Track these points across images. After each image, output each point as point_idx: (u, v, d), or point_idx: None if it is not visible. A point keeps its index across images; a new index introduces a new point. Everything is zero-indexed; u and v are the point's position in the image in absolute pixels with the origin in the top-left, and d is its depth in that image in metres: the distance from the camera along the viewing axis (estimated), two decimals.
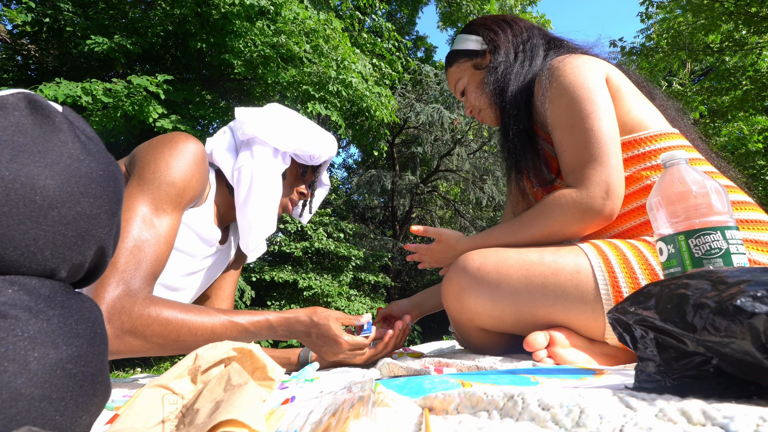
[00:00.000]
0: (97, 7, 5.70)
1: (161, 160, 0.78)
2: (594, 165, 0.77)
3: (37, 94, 0.39)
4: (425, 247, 0.99)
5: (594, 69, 0.83)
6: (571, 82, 0.81)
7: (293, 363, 1.02)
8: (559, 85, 0.82)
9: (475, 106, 1.05)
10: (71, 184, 0.35)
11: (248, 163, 0.91)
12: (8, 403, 0.28)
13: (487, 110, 1.03)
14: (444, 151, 8.47)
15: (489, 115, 1.04)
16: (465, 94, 1.06)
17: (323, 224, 7.47)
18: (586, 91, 0.80)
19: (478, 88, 1.02)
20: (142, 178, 0.76)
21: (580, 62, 0.84)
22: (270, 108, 0.99)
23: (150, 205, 0.74)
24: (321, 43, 5.40)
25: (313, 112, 5.27)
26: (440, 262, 0.97)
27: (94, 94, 4.25)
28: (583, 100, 0.79)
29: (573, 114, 0.80)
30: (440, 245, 0.95)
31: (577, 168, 0.79)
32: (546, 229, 0.80)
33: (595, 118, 0.78)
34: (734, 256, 0.48)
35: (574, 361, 0.69)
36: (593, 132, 0.78)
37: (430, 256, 0.98)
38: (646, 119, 0.84)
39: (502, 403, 0.34)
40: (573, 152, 0.80)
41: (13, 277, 0.33)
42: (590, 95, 0.79)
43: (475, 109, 1.06)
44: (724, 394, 0.31)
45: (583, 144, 0.78)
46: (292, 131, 0.97)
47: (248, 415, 0.33)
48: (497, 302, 0.76)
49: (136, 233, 0.71)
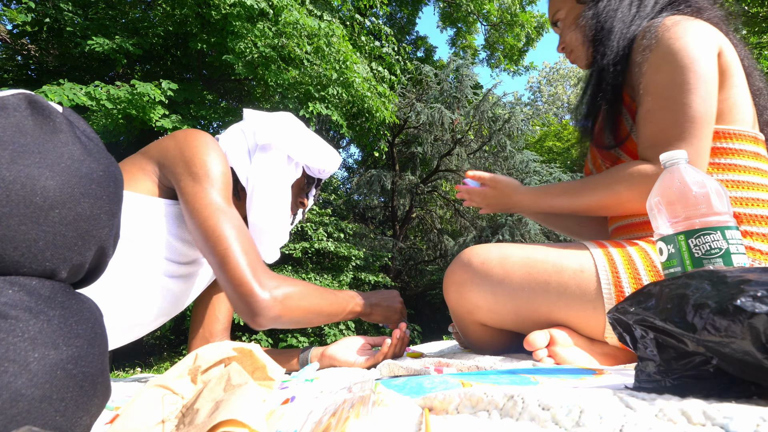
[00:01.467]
0: (98, 7, 5.70)
1: (204, 155, 0.80)
2: (680, 144, 0.71)
3: (38, 95, 0.39)
4: (480, 190, 0.98)
5: (709, 40, 0.75)
6: (681, 49, 0.73)
7: (293, 363, 1.02)
8: (666, 48, 0.74)
9: (568, 43, 0.96)
10: (71, 185, 0.36)
11: (265, 168, 0.91)
12: (8, 403, 0.28)
13: (579, 49, 0.94)
14: (444, 151, 8.46)
15: (581, 56, 0.95)
16: (560, 28, 0.98)
17: (323, 224, 7.46)
18: (695, 63, 0.72)
19: (573, 23, 0.92)
20: (196, 174, 0.78)
21: (696, 29, 0.75)
22: (283, 116, 1.00)
23: (218, 196, 0.78)
24: (322, 45, 5.40)
25: (314, 111, 5.27)
26: (490, 206, 0.98)
27: (98, 98, 4.25)
28: (688, 72, 0.72)
29: (673, 85, 0.72)
30: (495, 191, 0.95)
31: (660, 143, 0.72)
32: (605, 200, 0.77)
33: (696, 94, 0.71)
34: (734, 256, 0.48)
35: (574, 361, 0.69)
36: (689, 109, 0.71)
37: (482, 198, 0.97)
38: (739, 113, 0.77)
39: (502, 403, 0.34)
40: (660, 125, 0.73)
41: (13, 277, 0.33)
42: (697, 68, 0.72)
43: (568, 47, 0.97)
44: (724, 394, 0.31)
45: (674, 119, 0.72)
46: (307, 142, 0.99)
47: (248, 415, 0.33)
48: (499, 297, 0.76)
49: (236, 224, 0.77)
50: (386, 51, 7.06)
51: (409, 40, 11.19)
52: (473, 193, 0.99)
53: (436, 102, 8.21)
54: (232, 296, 0.74)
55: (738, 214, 0.74)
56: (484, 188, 0.97)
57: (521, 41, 10.59)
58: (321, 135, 9.70)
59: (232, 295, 0.74)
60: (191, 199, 0.77)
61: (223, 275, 0.74)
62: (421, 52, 11.50)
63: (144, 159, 0.82)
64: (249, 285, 0.73)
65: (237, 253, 0.74)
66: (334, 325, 6.63)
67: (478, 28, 10.80)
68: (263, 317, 0.74)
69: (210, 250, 0.75)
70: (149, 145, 0.85)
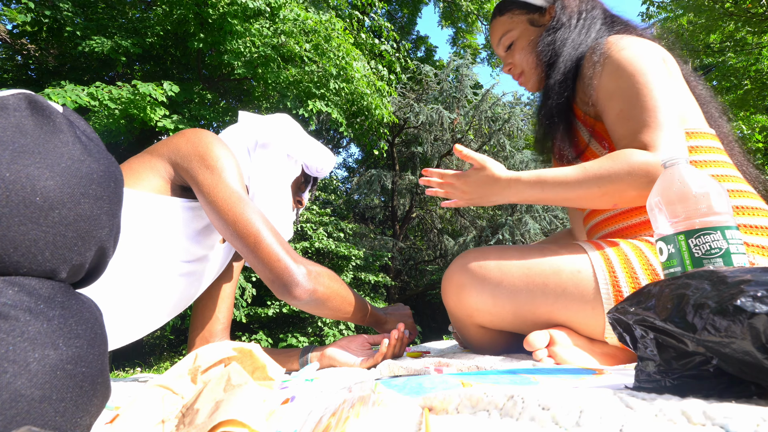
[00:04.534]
0: (97, 7, 5.69)
1: (217, 149, 0.82)
2: (666, 132, 0.73)
3: (38, 95, 0.39)
4: (458, 175, 0.82)
5: (654, 50, 0.81)
6: (635, 55, 0.79)
7: (293, 363, 1.02)
8: (621, 58, 0.79)
9: (517, 65, 0.98)
10: (72, 185, 0.36)
11: (266, 166, 0.93)
12: (8, 403, 0.28)
13: (531, 72, 0.97)
14: (444, 150, 8.46)
15: (531, 78, 0.98)
16: (511, 50, 0.98)
17: (323, 224, 7.46)
18: (651, 66, 0.78)
19: (529, 46, 0.95)
20: (213, 167, 0.80)
21: (640, 41, 0.82)
22: (280, 117, 1.02)
23: (238, 186, 0.81)
24: (321, 42, 5.40)
25: (313, 109, 5.27)
26: (471, 197, 0.82)
27: (101, 99, 4.26)
28: (650, 73, 0.77)
29: (639, 85, 0.76)
30: (480, 174, 0.79)
31: (643, 134, 0.74)
32: (609, 187, 0.72)
33: (662, 89, 0.76)
34: (734, 256, 0.48)
35: (574, 361, 0.69)
36: (662, 101, 0.75)
37: (462, 183, 0.81)
38: (687, 114, 0.82)
39: (502, 402, 0.34)
40: (639, 119, 0.75)
41: (13, 278, 0.33)
42: (655, 69, 0.78)
43: (516, 68, 0.99)
44: (724, 394, 0.31)
45: (651, 111, 0.74)
46: (305, 141, 1.01)
47: (248, 415, 0.33)
48: (497, 300, 0.76)
49: (258, 210, 0.81)
50: (385, 48, 7.06)
51: (410, 39, 11.19)
52: (449, 178, 0.83)
53: (435, 102, 8.21)
54: (268, 274, 0.78)
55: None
56: (466, 171, 0.81)
57: None
58: (321, 134, 9.70)
59: (268, 273, 0.78)
60: (212, 190, 0.79)
61: (256, 257, 0.78)
62: (421, 51, 11.50)
63: (153, 158, 0.82)
64: (284, 261, 0.78)
65: (268, 236, 0.78)
66: (333, 325, 6.63)
67: (480, 26, 10.79)
68: (300, 287, 0.79)
69: (239, 235, 0.78)
70: (157, 144, 0.85)
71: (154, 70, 6.62)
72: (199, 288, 0.98)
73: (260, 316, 6.31)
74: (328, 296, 0.83)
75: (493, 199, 0.81)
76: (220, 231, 0.81)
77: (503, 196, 0.80)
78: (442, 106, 7.99)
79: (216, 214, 0.79)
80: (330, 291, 0.84)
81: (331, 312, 0.87)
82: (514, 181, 0.78)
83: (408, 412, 0.38)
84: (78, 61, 6.01)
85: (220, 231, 0.81)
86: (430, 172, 0.86)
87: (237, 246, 0.80)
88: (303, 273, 0.79)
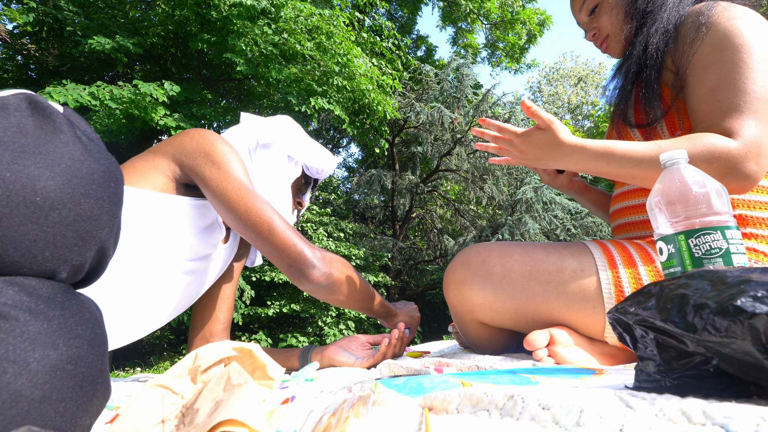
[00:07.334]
0: (98, 7, 5.69)
1: (221, 146, 0.83)
2: (759, 123, 0.66)
3: (38, 95, 0.39)
4: (519, 132, 0.75)
5: (763, 25, 0.73)
6: (746, 27, 0.71)
7: (293, 363, 1.02)
8: (730, 27, 0.71)
9: (603, 29, 0.90)
10: (72, 185, 0.36)
11: (267, 166, 0.93)
12: (8, 404, 0.28)
13: (617, 36, 0.88)
14: (444, 150, 8.45)
15: (616, 44, 0.90)
16: (595, 13, 0.90)
17: (323, 224, 7.46)
18: (756, 44, 0.70)
19: (617, 6, 0.87)
20: (219, 163, 0.80)
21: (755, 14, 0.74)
22: (282, 118, 1.02)
23: (245, 179, 0.82)
24: (323, 39, 5.40)
25: (315, 107, 5.27)
26: (527, 156, 0.76)
27: (102, 98, 4.26)
28: (759, 51, 0.69)
29: (742, 63, 0.69)
30: (543, 135, 0.73)
31: (731, 118, 0.67)
32: None
33: (762, 73, 0.68)
34: (734, 256, 0.48)
35: (574, 361, 0.69)
36: (756, 86, 0.67)
37: (521, 142, 0.75)
38: None
39: (502, 402, 0.34)
40: (732, 101, 0.68)
41: (13, 278, 0.33)
42: (760, 48, 0.69)
43: (602, 32, 0.91)
44: (724, 394, 0.31)
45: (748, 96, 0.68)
46: (306, 142, 1.01)
47: (248, 415, 0.33)
48: (499, 296, 0.76)
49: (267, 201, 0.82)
50: (387, 46, 7.05)
51: (410, 39, 11.18)
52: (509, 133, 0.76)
53: (436, 102, 8.20)
54: (285, 259, 0.80)
55: (744, 216, 0.73)
56: (528, 130, 0.74)
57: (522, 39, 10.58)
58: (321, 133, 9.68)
59: (285, 258, 0.80)
60: (220, 184, 0.79)
61: (270, 245, 0.80)
62: (421, 51, 11.50)
63: (157, 156, 0.82)
64: (299, 245, 0.80)
65: (281, 225, 0.80)
66: (333, 325, 6.63)
67: (481, 24, 10.79)
68: (318, 270, 0.80)
69: (252, 225, 0.79)
70: (160, 144, 0.85)
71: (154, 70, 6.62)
72: (201, 287, 0.98)
73: (260, 316, 6.31)
74: (342, 281, 0.85)
75: (551, 164, 0.76)
76: (231, 223, 0.81)
77: (563, 162, 0.74)
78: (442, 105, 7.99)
79: (226, 207, 0.79)
80: (344, 276, 0.85)
81: (345, 298, 0.87)
82: (579, 149, 0.71)
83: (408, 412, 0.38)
84: (78, 61, 6.01)
85: (230, 224, 0.81)
86: (488, 123, 0.78)
87: (249, 236, 0.80)
88: (318, 257, 0.81)
